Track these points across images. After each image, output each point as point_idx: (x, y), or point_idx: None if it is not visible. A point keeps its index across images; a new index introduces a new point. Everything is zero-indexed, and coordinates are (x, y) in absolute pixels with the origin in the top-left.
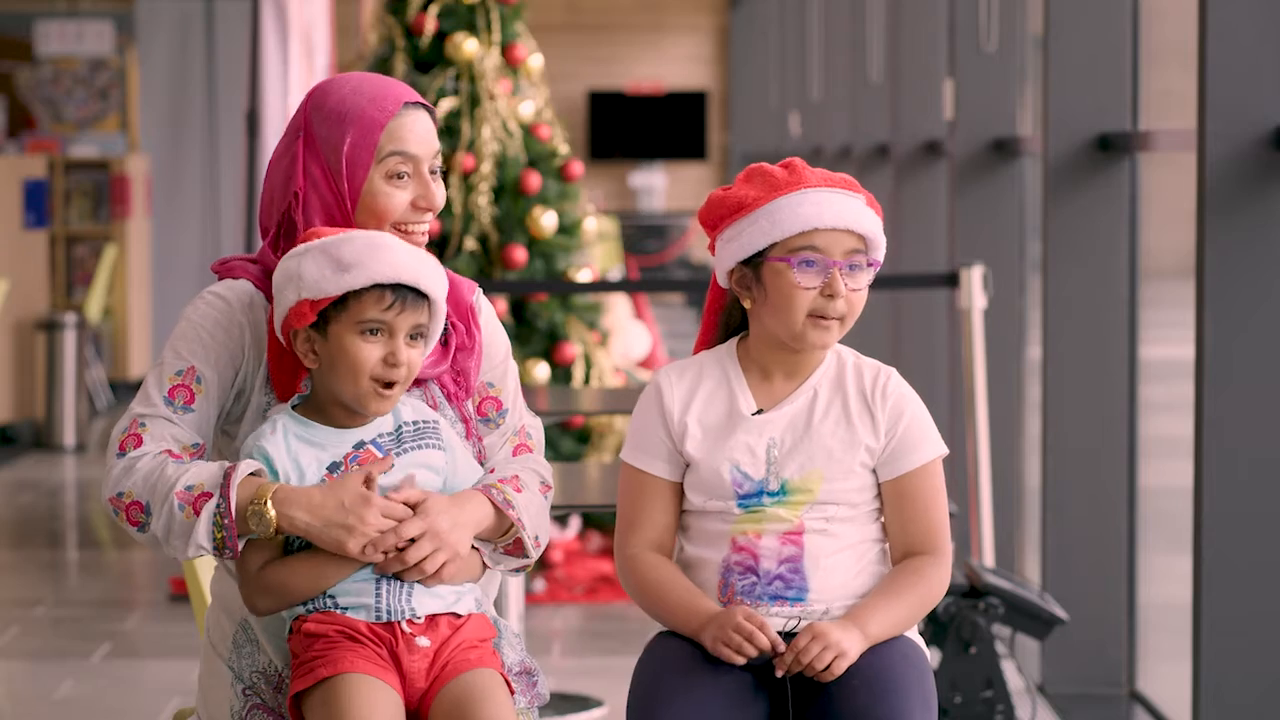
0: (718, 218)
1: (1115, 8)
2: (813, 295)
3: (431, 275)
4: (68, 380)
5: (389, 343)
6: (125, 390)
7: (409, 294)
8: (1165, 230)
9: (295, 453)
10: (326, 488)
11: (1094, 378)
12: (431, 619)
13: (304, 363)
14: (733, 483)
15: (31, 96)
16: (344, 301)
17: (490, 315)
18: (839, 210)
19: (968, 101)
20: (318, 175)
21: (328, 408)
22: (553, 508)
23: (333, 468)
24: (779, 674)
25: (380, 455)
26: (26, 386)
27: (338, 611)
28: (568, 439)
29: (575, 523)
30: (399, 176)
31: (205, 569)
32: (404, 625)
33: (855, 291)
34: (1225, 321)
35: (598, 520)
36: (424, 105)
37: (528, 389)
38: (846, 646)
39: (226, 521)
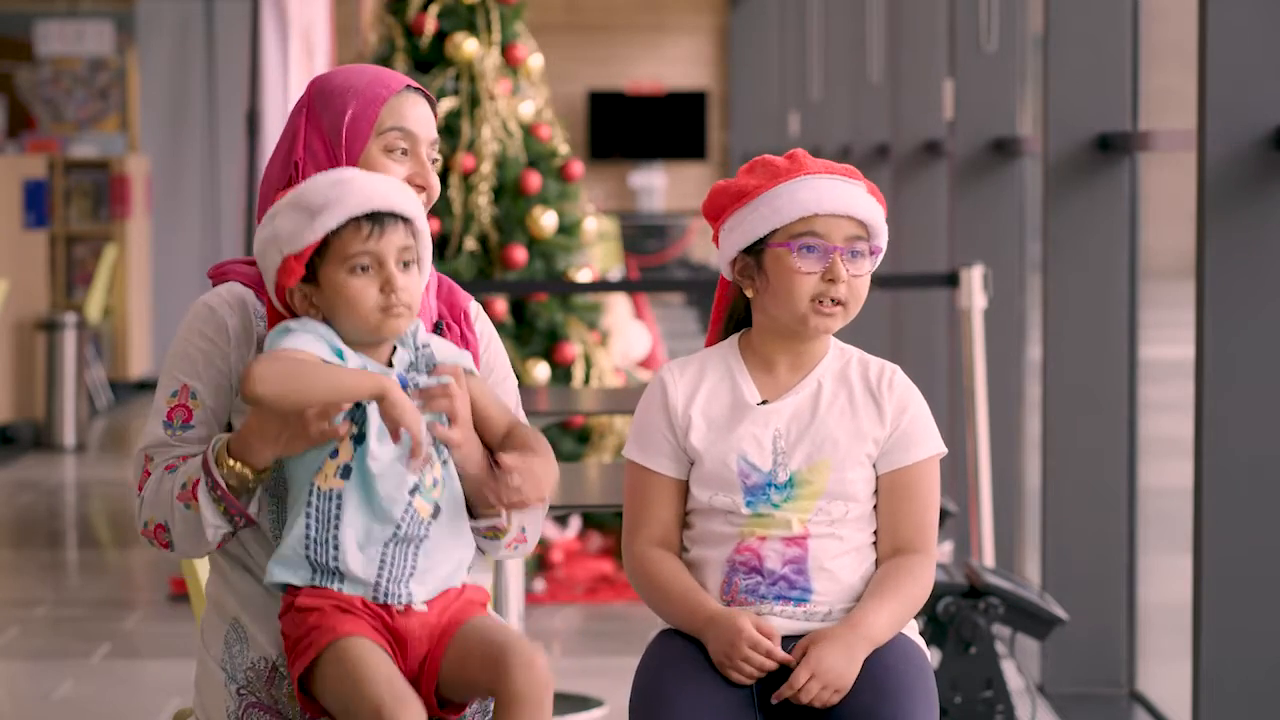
0: (719, 207)
1: (1115, 8)
2: (814, 280)
3: (402, 196)
4: (68, 380)
5: (380, 272)
6: (125, 390)
7: (386, 219)
8: (1165, 230)
9: (336, 345)
10: (257, 413)
11: (1094, 378)
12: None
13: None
14: (739, 474)
15: (31, 96)
16: (325, 245)
17: (488, 325)
18: (838, 196)
19: (968, 101)
20: (317, 146)
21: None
22: (552, 507)
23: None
24: (774, 700)
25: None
26: (26, 386)
27: (334, 589)
28: (568, 439)
29: (575, 523)
30: (397, 151)
31: (204, 568)
32: (399, 607)
33: (857, 278)
34: (1225, 321)
35: (598, 520)
36: (426, 95)
37: (528, 389)
38: (847, 681)
39: (219, 494)
